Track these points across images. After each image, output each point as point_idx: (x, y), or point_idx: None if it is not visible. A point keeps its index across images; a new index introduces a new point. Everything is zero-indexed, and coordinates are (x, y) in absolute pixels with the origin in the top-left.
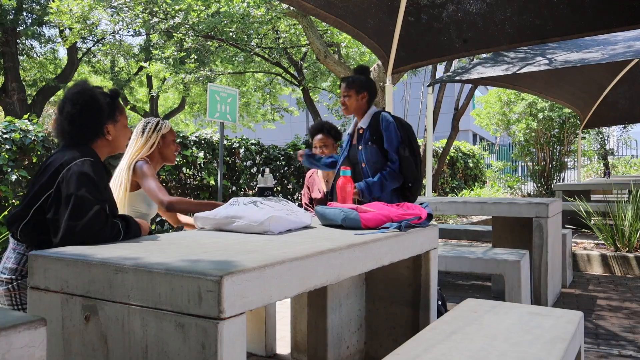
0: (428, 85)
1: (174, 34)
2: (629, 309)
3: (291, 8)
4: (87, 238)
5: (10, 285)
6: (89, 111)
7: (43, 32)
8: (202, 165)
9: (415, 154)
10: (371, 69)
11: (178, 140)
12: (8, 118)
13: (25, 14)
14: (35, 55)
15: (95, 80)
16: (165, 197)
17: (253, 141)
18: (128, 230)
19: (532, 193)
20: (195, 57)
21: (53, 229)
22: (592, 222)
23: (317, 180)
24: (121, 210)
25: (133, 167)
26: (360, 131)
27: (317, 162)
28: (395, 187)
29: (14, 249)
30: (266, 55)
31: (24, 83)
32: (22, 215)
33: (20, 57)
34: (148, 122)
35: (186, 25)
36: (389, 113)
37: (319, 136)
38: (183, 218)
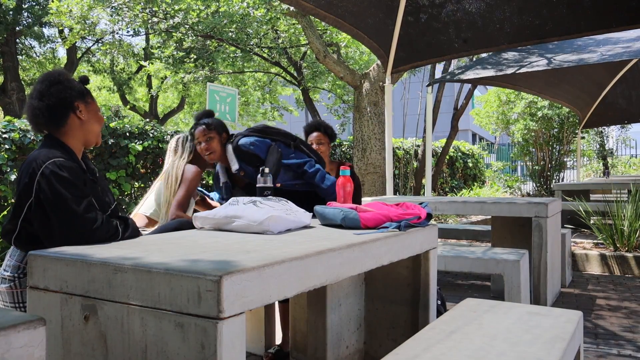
0: (427, 85)
1: (173, 34)
2: (628, 308)
3: (291, 8)
4: (83, 239)
5: (12, 283)
6: (58, 84)
7: (42, 32)
8: None
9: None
10: (370, 68)
11: None
12: (7, 117)
13: (25, 13)
14: (34, 55)
15: (95, 80)
16: (174, 211)
17: None
18: (125, 229)
19: (531, 193)
20: (195, 56)
21: (45, 239)
22: (592, 221)
23: None
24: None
25: (182, 172)
26: (242, 173)
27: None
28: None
29: (12, 264)
30: (265, 55)
31: (23, 83)
32: (11, 229)
33: (20, 57)
34: (179, 138)
35: (186, 25)
36: (237, 137)
37: (316, 134)
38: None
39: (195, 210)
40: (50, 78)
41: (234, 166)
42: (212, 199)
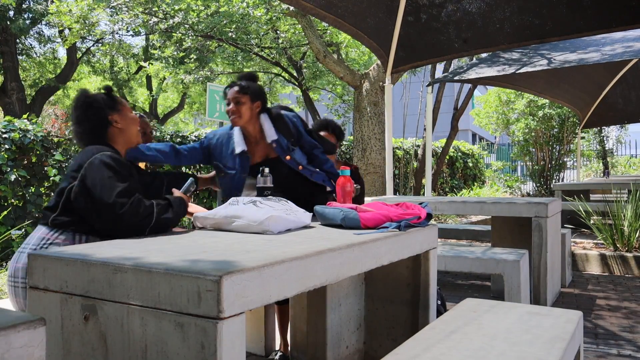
0: (427, 85)
1: (173, 34)
2: (628, 308)
3: (291, 8)
4: (125, 218)
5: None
6: (88, 107)
7: (42, 32)
8: (201, 164)
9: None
10: (370, 68)
11: (177, 140)
12: (7, 118)
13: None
14: (34, 55)
15: (95, 80)
16: None
17: None
18: (167, 206)
19: (531, 193)
20: (195, 57)
21: (88, 216)
22: (592, 221)
23: None
24: None
25: None
26: (274, 145)
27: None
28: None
29: (38, 235)
30: (265, 55)
31: (23, 83)
32: (53, 207)
33: (20, 57)
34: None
35: (185, 25)
36: (281, 109)
37: (323, 133)
38: (191, 208)
39: None
40: (81, 103)
41: (272, 137)
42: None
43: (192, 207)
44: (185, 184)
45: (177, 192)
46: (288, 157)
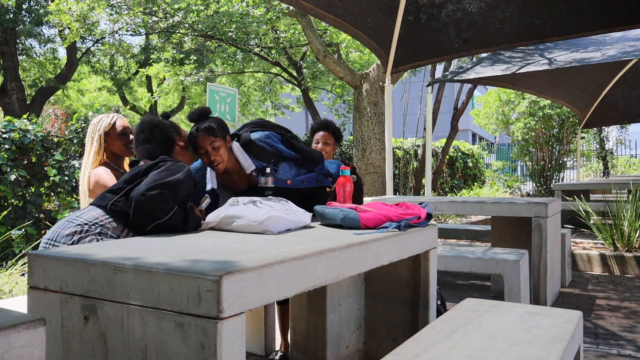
0: (427, 85)
1: (173, 34)
2: (628, 308)
3: (291, 8)
4: (156, 220)
5: (79, 228)
6: (156, 127)
7: (42, 32)
8: None
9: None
10: (370, 68)
11: None
12: (7, 118)
13: (24, 13)
14: (34, 55)
15: (95, 80)
16: None
17: None
18: (183, 214)
19: (531, 193)
20: (195, 58)
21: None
22: (592, 221)
23: None
24: None
25: (89, 177)
26: (255, 173)
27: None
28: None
29: (92, 213)
30: (265, 55)
31: (23, 83)
32: (115, 191)
33: (20, 57)
34: (92, 123)
35: (185, 25)
36: (242, 133)
37: (322, 133)
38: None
39: None
40: (147, 125)
41: (250, 167)
42: None
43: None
44: (202, 202)
45: (196, 209)
46: (274, 179)
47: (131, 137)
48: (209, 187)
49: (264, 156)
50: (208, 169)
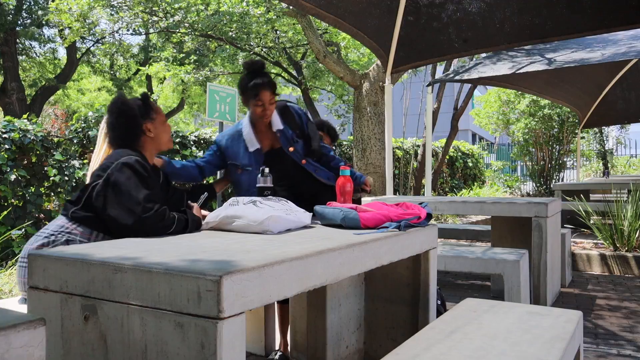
0: (427, 85)
1: (173, 34)
2: (628, 308)
3: (291, 7)
4: (136, 225)
5: (47, 240)
6: (122, 115)
7: (42, 32)
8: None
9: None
10: (370, 68)
11: (177, 140)
12: (7, 118)
13: (24, 14)
14: (34, 55)
15: (95, 80)
16: None
17: None
18: (186, 223)
19: (531, 193)
20: (195, 57)
21: (105, 216)
22: (591, 221)
23: None
24: None
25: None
26: (279, 134)
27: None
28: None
29: (58, 223)
30: (266, 55)
31: (23, 83)
32: (75, 201)
33: (20, 57)
34: (104, 121)
35: (185, 24)
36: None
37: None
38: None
39: None
40: (115, 110)
41: (277, 126)
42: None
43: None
44: (200, 199)
45: (195, 208)
46: (291, 149)
47: None
48: (251, 148)
49: (292, 123)
50: (245, 131)
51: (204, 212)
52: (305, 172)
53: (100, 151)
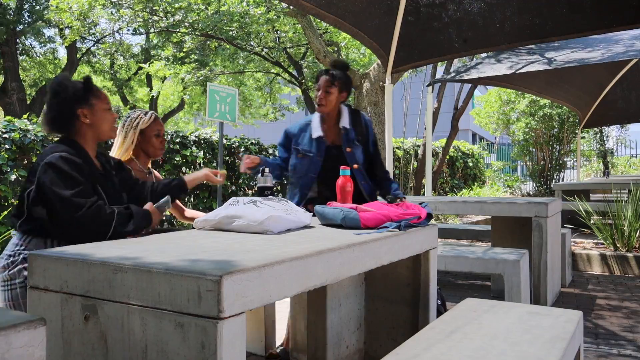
0: (428, 85)
1: (173, 34)
2: (628, 308)
3: (291, 7)
4: (71, 223)
5: (6, 262)
6: (57, 95)
7: (43, 32)
8: (201, 165)
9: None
10: (370, 68)
11: (177, 140)
12: (7, 118)
13: (25, 13)
14: (35, 55)
15: (95, 80)
16: None
17: (253, 141)
18: (128, 217)
19: (531, 193)
20: (195, 57)
21: (44, 224)
22: (592, 221)
23: None
24: None
25: None
26: (343, 131)
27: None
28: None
29: (13, 241)
30: (266, 55)
31: (23, 83)
32: (19, 213)
33: (20, 57)
34: (128, 117)
35: (186, 24)
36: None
37: None
38: (189, 213)
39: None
40: (51, 89)
41: (344, 123)
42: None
43: (192, 213)
44: (161, 201)
45: (149, 206)
46: (349, 150)
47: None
48: (315, 135)
49: (358, 127)
50: (315, 120)
51: (198, 212)
52: (353, 178)
53: (120, 150)
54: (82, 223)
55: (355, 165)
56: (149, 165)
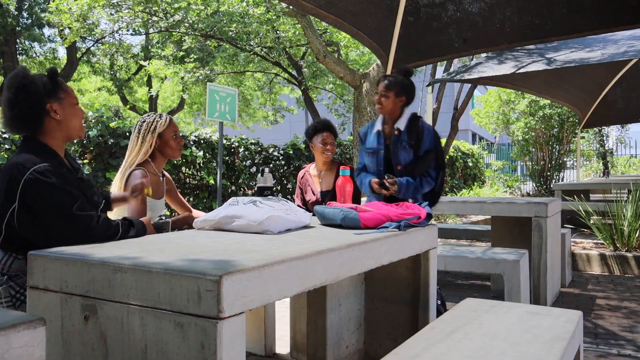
0: (427, 85)
1: (173, 33)
2: (628, 308)
3: (291, 7)
4: (81, 239)
5: None
6: (23, 91)
7: (42, 32)
8: (201, 164)
9: (442, 164)
10: (370, 68)
11: None
12: None
13: (25, 14)
14: (34, 55)
15: (95, 80)
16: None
17: (252, 141)
18: (128, 229)
19: (531, 192)
20: (195, 56)
21: (38, 241)
22: (591, 221)
23: (310, 182)
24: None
25: (126, 178)
26: (397, 132)
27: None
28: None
29: None
30: (266, 55)
31: None
32: None
33: (20, 57)
34: (144, 122)
35: (185, 24)
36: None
37: (327, 133)
38: (196, 213)
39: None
40: (15, 84)
41: (400, 125)
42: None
43: (198, 213)
44: (163, 222)
45: (146, 220)
46: (396, 150)
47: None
48: (375, 130)
49: (412, 132)
50: (379, 118)
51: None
52: (396, 175)
53: (136, 154)
54: (92, 237)
55: (399, 167)
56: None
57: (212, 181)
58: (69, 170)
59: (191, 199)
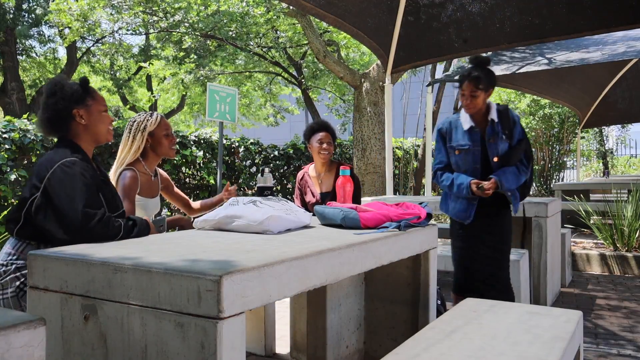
0: (427, 85)
1: (173, 33)
2: (628, 308)
3: (291, 7)
4: (81, 234)
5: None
6: (53, 96)
7: (42, 32)
8: (201, 164)
9: (531, 154)
10: (370, 68)
11: (177, 140)
12: (7, 117)
13: (24, 14)
14: (34, 55)
15: (95, 80)
16: None
17: (252, 141)
18: (131, 229)
19: (531, 192)
20: (195, 56)
21: (48, 232)
22: (592, 221)
23: (309, 183)
24: None
25: (117, 177)
26: (491, 124)
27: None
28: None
29: (6, 250)
30: (266, 55)
31: (23, 83)
32: (15, 219)
33: (20, 57)
34: (134, 121)
35: (185, 24)
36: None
37: (325, 133)
38: (196, 205)
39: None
40: (47, 90)
41: (493, 115)
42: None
43: (198, 204)
44: (159, 218)
45: (149, 220)
46: (492, 141)
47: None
48: (466, 126)
49: (505, 122)
50: (462, 114)
51: (204, 201)
52: (491, 171)
53: (128, 154)
54: (91, 234)
55: (495, 158)
56: (156, 167)
57: (212, 181)
58: (93, 169)
59: (191, 198)
